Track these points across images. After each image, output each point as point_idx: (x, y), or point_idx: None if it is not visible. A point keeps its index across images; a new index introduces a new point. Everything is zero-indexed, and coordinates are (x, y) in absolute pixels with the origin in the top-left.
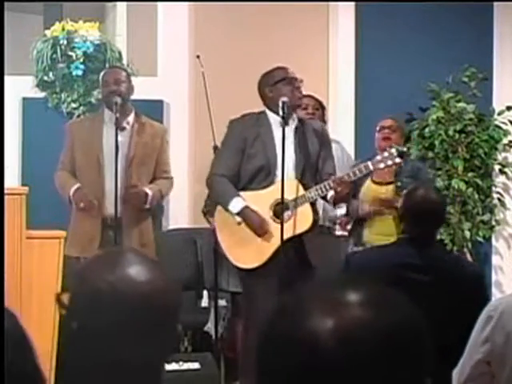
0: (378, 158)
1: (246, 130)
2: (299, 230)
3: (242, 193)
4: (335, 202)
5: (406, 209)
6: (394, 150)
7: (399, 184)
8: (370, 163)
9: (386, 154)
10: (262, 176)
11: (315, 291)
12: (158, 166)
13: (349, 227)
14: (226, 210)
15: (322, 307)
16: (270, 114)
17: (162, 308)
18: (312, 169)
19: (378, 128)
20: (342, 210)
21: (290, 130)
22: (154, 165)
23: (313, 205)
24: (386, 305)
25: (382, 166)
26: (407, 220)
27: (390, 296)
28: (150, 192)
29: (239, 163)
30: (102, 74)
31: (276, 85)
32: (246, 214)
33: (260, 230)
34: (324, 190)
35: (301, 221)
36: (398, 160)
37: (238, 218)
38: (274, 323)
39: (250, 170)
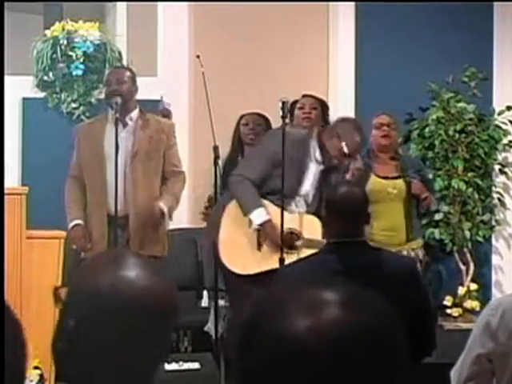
0: None
1: (286, 150)
2: None
3: (265, 201)
4: None
5: (327, 213)
6: None
7: (408, 179)
8: None
9: None
10: (285, 194)
11: (286, 294)
12: (167, 160)
13: None
14: (245, 215)
15: (295, 309)
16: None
17: (157, 312)
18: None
19: (375, 125)
20: None
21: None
22: (161, 160)
23: None
24: (359, 304)
25: None
26: (330, 224)
27: (363, 296)
28: (165, 209)
29: (268, 174)
30: (106, 73)
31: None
32: (267, 228)
33: (275, 248)
34: None
35: None
36: None
37: (256, 226)
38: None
39: (275, 185)
